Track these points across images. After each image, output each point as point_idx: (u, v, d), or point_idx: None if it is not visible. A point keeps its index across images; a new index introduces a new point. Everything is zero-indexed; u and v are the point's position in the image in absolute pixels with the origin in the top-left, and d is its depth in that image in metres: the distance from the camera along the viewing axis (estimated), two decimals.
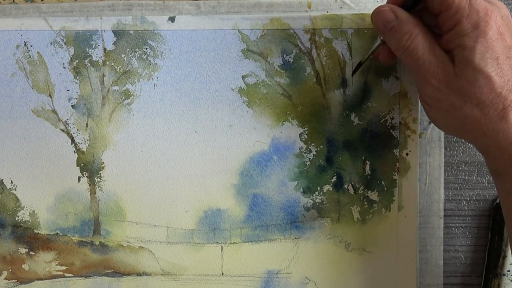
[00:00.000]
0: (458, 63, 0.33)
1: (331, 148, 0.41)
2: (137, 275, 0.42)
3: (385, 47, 0.37)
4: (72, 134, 0.41)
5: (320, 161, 0.41)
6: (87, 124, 0.41)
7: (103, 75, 0.41)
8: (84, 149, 0.41)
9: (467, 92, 0.33)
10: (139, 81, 0.41)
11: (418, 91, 0.36)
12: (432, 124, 0.41)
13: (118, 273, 0.42)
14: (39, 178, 0.41)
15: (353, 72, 0.40)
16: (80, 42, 0.41)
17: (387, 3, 0.37)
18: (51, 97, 0.41)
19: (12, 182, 0.41)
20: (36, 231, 0.42)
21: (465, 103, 0.33)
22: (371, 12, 0.40)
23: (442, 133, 0.41)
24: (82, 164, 0.41)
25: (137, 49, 0.41)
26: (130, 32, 0.41)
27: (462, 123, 0.34)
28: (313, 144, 0.41)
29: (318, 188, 0.42)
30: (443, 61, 0.33)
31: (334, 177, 0.42)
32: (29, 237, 0.42)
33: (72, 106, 0.41)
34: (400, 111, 0.41)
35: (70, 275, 0.42)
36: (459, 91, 0.33)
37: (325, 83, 0.41)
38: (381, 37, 0.37)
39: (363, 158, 0.41)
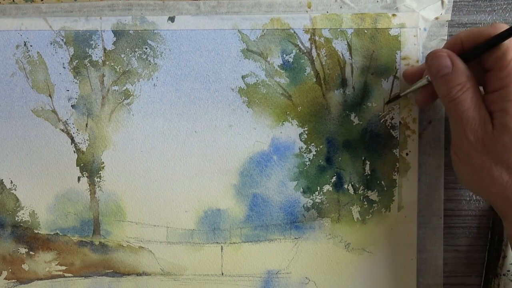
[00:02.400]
0: (497, 126, 0.33)
1: (331, 148, 0.41)
2: (137, 275, 0.42)
3: (427, 89, 0.37)
4: (72, 134, 0.41)
5: (320, 161, 0.41)
6: (87, 124, 0.41)
7: (103, 75, 0.41)
8: (84, 149, 0.41)
9: (500, 155, 0.33)
10: (139, 81, 0.41)
11: (452, 142, 0.36)
12: (432, 124, 0.41)
13: (118, 273, 0.42)
14: (39, 178, 0.41)
15: (387, 102, 0.41)
16: (80, 42, 0.41)
17: (445, 47, 0.36)
18: (51, 97, 0.41)
19: (12, 182, 0.41)
20: (36, 231, 0.42)
21: (495, 165, 0.33)
22: (371, 12, 0.40)
23: (442, 133, 0.41)
24: (82, 164, 0.41)
25: (137, 49, 0.41)
26: (130, 32, 0.41)
27: (487, 184, 0.34)
28: (313, 144, 0.41)
29: (318, 188, 0.42)
30: (485, 120, 0.33)
31: (334, 177, 0.42)
32: (29, 237, 0.42)
33: (72, 106, 0.41)
34: (400, 111, 0.41)
35: (70, 275, 0.42)
36: (492, 153, 0.33)
37: (325, 83, 0.41)
38: (429, 78, 0.36)
39: (363, 158, 0.41)
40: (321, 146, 0.41)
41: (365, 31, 0.40)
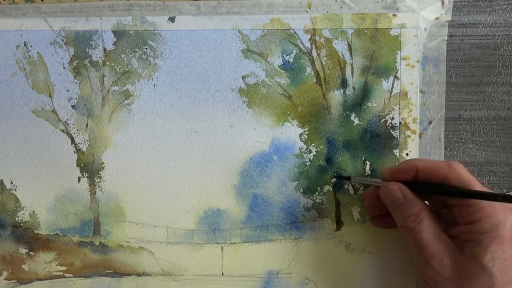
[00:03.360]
0: (468, 256, 0.33)
1: (331, 148, 0.41)
2: (137, 275, 0.42)
3: (388, 217, 0.38)
4: (72, 134, 0.41)
5: (320, 161, 0.41)
6: (87, 125, 0.41)
7: (103, 75, 0.41)
8: (84, 150, 0.41)
9: (467, 283, 0.33)
10: (139, 81, 0.41)
11: (418, 270, 0.36)
12: (432, 124, 0.41)
13: (118, 273, 0.42)
14: (39, 179, 0.41)
15: (337, 177, 0.41)
16: (80, 42, 0.41)
17: (398, 171, 0.37)
18: (51, 98, 0.41)
19: (12, 183, 0.41)
20: (36, 232, 0.42)
21: None
22: (371, 12, 0.40)
23: (442, 133, 0.41)
24: (82, 165, 0.41)
25: (137, 49, 0.41)
26: (130, 32, 0.41)
27: None
28: (313, 144, 0.41)
29: (318, 189, 0.42)
30: (449, 249, 0.34)
31: (334, 178, 0.41)
32: (29, 238, 0.42)
33: (72, 106, 0.41)
34: (400, 111, 0.41)
35: (70, 275, 0.42)
36: (459, 280, 0.33)
37: (325, 83, 0.41)
38: (384, 181, 0.37)
39: (363, 159, 0.41)
40: (321, 147, 0.41)
41: (366, 31, 0.40)
